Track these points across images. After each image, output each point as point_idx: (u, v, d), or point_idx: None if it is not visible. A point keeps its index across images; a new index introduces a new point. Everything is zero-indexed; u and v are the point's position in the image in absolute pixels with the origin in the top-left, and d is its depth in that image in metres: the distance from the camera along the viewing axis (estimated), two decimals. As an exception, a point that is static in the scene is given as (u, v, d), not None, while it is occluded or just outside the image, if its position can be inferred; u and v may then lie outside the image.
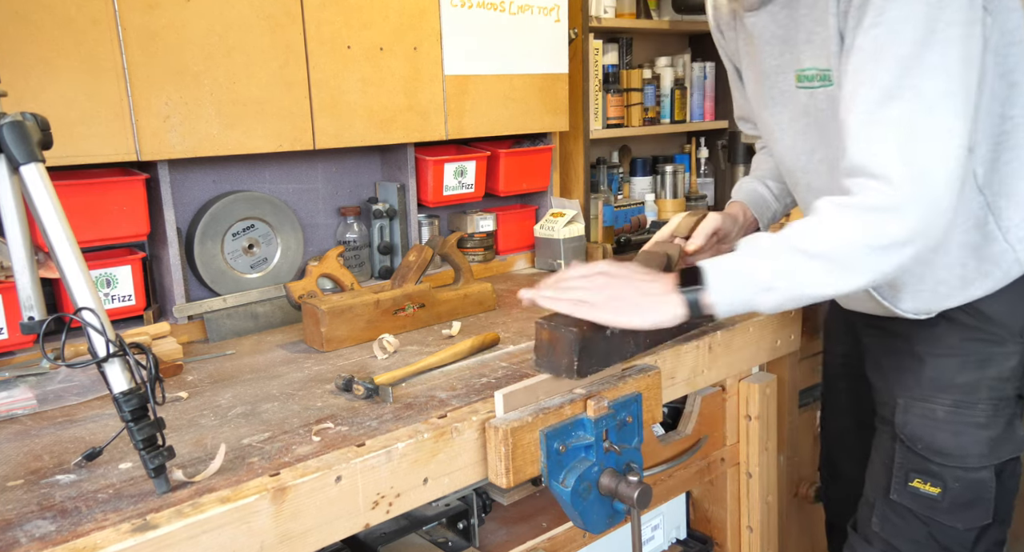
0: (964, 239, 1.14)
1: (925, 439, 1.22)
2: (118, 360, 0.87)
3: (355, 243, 1.85)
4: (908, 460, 1.24)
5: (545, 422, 1.07)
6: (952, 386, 1.21)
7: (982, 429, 1.19)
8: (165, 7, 1.40)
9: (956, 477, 1.20)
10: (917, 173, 0.96)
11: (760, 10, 1.20)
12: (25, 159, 0.87)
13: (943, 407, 1.21)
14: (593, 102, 2.31)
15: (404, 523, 1.27)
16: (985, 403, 1.19)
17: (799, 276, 1.02)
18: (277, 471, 0.94)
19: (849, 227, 1.00)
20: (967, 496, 1.20)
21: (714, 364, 1.45)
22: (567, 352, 1.09)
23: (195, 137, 1.47)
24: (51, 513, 0.87)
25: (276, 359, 1.42)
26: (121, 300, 1.49)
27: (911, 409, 1.23)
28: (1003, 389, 1.19)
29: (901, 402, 1.25)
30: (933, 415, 1.22)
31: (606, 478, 1.11)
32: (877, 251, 0.99)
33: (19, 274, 0.91)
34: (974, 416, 1.19)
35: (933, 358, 1.22)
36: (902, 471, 1.24)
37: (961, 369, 1.20)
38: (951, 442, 1.20)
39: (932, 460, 1.21)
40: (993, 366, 1.19)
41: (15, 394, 1.23)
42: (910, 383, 1.24)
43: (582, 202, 2.15)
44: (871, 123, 0.99)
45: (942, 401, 1.21)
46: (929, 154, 0.97)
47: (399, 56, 1.73)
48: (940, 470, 1.20)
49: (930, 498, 1.22)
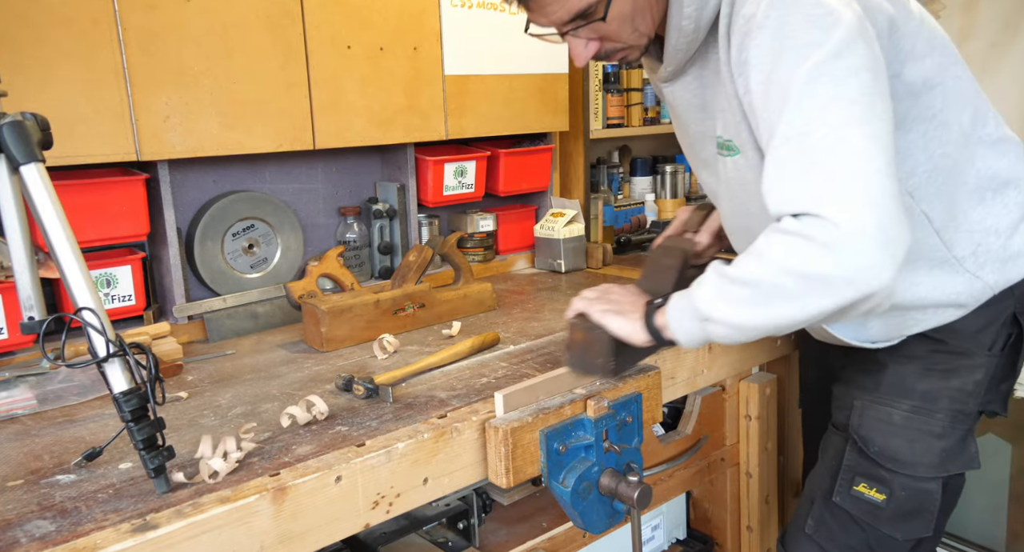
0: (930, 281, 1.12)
1: (878, 442, 1.19)
2: (118, 360, 0.87)
3: (355, 243, 1.85)
4: (857, 463, 1.21)
5: (545, 422, 1.07)
6: (912, 392, 1.18)
7: (937, 439, 1.16)
8: (165, 7, 1.40)
9: (903, 485, 1.17)
10: (846, 205, 0.87)
11: (674, 82, 1.16)
12: (25, 159, 0.88)
13: (900, 412, 1.18)
14: (593, 102, 2.31)
15: (404, 523, 1.27)
16: (944, 413, 1.16)
17: (723, 305, 0.95)
18: (277, 471, 0.94)
19: (772, 251, 0.91)
20: (911, 506, 1.17)
21: (714, 364, 1.45)
22: (601, 352, 1.11)
23: (195, 137, 1.47)
24: (51, 513, 0.87)
25: (276, 359, 1.42)
26: (121, 300, 1.49)
27: (867, 411, 1.21)
28: (965, 402, 1.17)
29: (858, 404, 1.22)
30: (890, 419, 1.19)
31: (606, 478, 1.11)
32: (802, 279, 0.89)
33: (19, 274, 0.91)
34: (931, 425, 1.17)
35: (896, 364, 1.20)
36: (849, 474, 1.22)
37: (923, 376, 1.18)
38: (904, 448, 1.17)
39: (883, 465, 1.18)
40: (957, 377, 1.16)
41: (15, 394, 1.23)
42: (869, 386, 1.22)
43: (582, 202, 2.15)
44: (784, 167, 0.91)
45: (900, 406, 1.18)
46: (853, 185, 0.87)
47: (399, 56, 1.73)
48: (889, 476, 1.18)
49: (873, 504, 1.19)
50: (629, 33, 1.07)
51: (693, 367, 1.40)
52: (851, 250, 0.85)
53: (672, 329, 1.02)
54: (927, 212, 1.09)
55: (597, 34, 1.07)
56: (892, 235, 0.86)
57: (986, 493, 2.12)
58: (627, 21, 1.05)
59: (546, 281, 1.98)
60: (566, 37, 1.08)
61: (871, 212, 0.85)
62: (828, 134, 0.88)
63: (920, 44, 1.03)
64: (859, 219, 0.85)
